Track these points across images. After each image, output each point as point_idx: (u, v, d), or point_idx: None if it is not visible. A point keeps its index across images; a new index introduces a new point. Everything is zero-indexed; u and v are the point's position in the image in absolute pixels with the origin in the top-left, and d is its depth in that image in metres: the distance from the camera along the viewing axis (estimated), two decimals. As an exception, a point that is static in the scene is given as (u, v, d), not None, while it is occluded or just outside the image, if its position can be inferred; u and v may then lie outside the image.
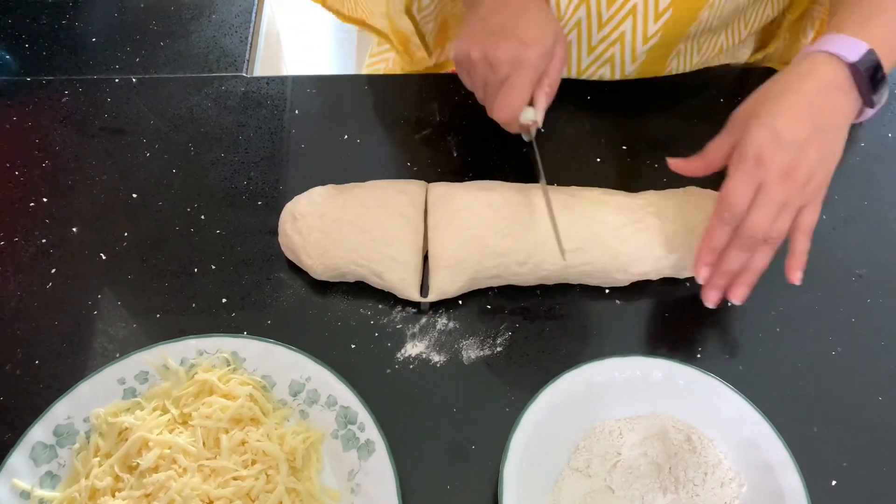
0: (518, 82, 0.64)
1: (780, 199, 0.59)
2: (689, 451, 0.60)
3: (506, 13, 0.66)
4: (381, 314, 0.69)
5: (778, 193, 0.58)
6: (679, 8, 0.74)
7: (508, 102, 0.65)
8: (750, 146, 0.59)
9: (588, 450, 0.61)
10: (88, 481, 0.57)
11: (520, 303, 0.69)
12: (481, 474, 0.60)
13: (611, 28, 0.77)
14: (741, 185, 0.59)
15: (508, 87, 0.65)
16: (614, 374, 0.62)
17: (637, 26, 0.76)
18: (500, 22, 0.65)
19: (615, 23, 0.76)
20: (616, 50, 0.79)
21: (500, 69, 0.64)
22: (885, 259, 0.72)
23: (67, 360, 0.66)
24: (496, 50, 0.64)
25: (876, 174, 0.78)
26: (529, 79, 0.65)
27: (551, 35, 0.66)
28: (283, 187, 0.77)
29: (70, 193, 0.77)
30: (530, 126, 0.68)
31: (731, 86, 0.84)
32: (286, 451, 0.58)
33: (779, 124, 0.58)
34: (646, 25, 0.76)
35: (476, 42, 0.65)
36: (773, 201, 0.59)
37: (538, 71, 0.65)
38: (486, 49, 0.64)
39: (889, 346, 0.67)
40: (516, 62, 0.64)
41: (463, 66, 0.68)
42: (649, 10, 0.75)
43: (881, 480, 0.61)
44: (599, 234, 0.68)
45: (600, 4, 0.75)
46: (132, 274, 0.71)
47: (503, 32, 0.65)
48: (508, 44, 0.64)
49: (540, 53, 0.64)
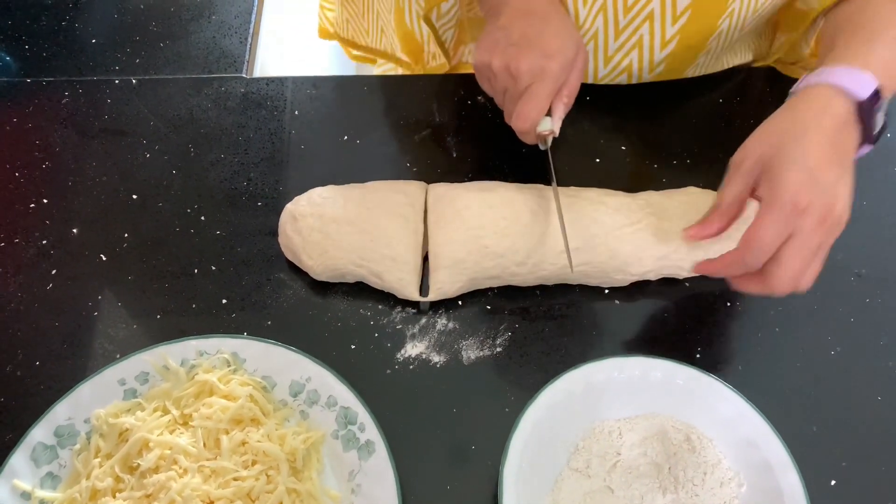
0: (539, 93, 0.64)
1: (816, 244, 0.56)
2: (689, 450, 0.60)
3: (528, 23, 0.66)
4: (381, 315, 0.69)
5: (815, 239, 0.56)
6: (698, 10, 0.72)
7: (528, 112, 0.65)
8: (786, 191, 0.55)
9: (587, 450, 0.61)
10: (89, 482, 0.57)
11: (519, 303, 0.69)
12: (481, 474, 0.61)
13: (627, 35, 0.76)
14: (774, 229, 0.56)
15: (529, 97, 0.64)
16: (613, 374, 0.62)
17: (654, 30, 0.75)
18: (523, 32, 0.66)
19: (632, 29, 0.75)
20: (634, 57, 0.78)
21: (522, 79, 0.64)
22: (885, 259, 0.72)
23: (68, 360, 0.66)
24: (518, 61, 0.64)
25: (875, 174, 0.78)
26: (550, 90, 0.65)
27: (573, 46, 0.66)
28: (283, 188, 0.77)
29: (70, 194, 0.77)
30: (547, 135, 0.68)
31: (732, 87, 0.84)
32: (286, 451, 0.59)
33: (812, 164, 0.55)
34: (663, 30, 0.75)
35: (498, 52, 0.66)
36: (809, 247, 0.56)
37: (559, 82, 0.65)
38: (509, 60, 0.65)
39: (888, 345, 0.67)
40: (538, 73, 0.64)
41: (483, 74, 0.69)
42: (667, 13, 0.73)
43: (880, 480, 0.61)
44: (598, 234, 0.68)
45: (617, 12, 0.74)
46: (132, 275, 0.71)
47: (525, 43, 0.65)
48: (531, 54, 0.64)
49: (562, 65, 0.65)
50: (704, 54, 0.79)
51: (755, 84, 0.77)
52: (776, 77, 0.86)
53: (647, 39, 0.76)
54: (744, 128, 0.70)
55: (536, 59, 0.64)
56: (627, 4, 0.73)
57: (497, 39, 0.66)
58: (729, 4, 0.70)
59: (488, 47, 0.67)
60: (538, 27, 0.66)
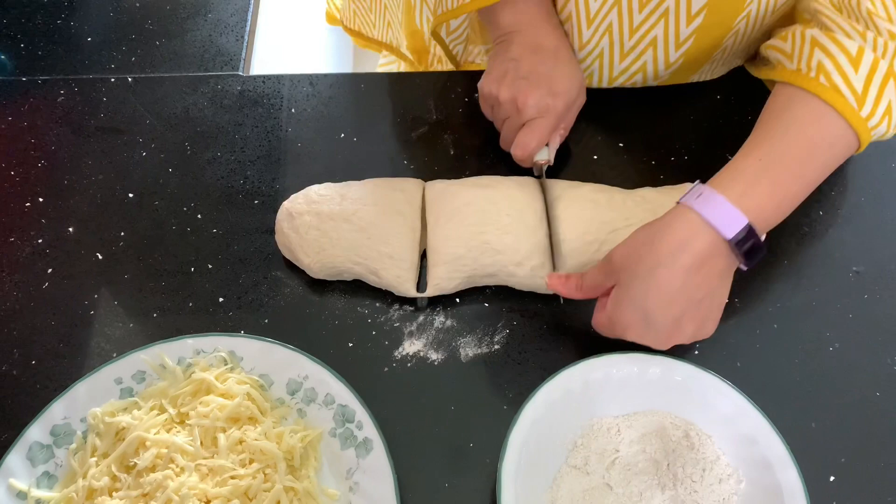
0: (541, 127, 0.69)
1: None
2: (688, 447, 0.60)
3: (539, 59, 0.70)
4: (379, 312, 0.69)
5: None
6: (714, 9, 0.71)
7: (528, 143, 0.69)
8: (618, 325, 0.60)
9: (586, 447, 0.61)
10: (86, 481, 0.57)
11: (517, 300, 0.69)
12: (479, 472, 0.60)
13: (642, 33, 0.74)
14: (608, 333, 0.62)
15: (530, 129, 0.69)
16: (611, 371, 0.62)
17: (669, 30, 0.73)
18: (532, 67, 0.69)
19: (647, 27, 0.74)
20: (648, 57, 0.77)
21: (527, 113, 0.69)
22: (882, 255, 0.72)
23: (64, 360, 0.66)
24: (526, 95, 0.68)
25: (872, 171, 0.78)
26: (552, 126, 0.70)
27: (577, 88, 0.72)
28: (279, 186, 0.77)
29: (66, 193, 0.76)
30: (542, 164, 0.72)
31: (730, 85, 0.84)
32: (284, 449, 0.58)
33: (649, 306, 0.57)
34: (678, 29, 0.73)
35: (506, 83, 0.70)
36: None
37: (561, 119, 0.70)
38: (517, 93, 0.69)
39: (886, 341, 0.67)
40: (543, 109, 0.69)
41: (488, 101, 0.73)
42: (681, 12, 0.71)
43: (880, 476, 0.61)
44: (590, 231, 0.68)
45: (632, 9, 0.72)
46: (129, 273, 0.71)
47: (535, 79, 0.69)
48: (538, 91, 0.68)
49: (566, 104, 0.70)
50: (720, 53, 0.78)
51: (754, 82, 0.77)
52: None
53: (661, 39, 0.75)
54: (742, 125, 0.70)
55: (543, 97, 0.68)
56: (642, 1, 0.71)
57: (506, 70, 0.70)
58: (746, 5, 0.70)
59: (497, 78, 0.71)
60: (549, 65, 0.70)
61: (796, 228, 0.73)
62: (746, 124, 0.64)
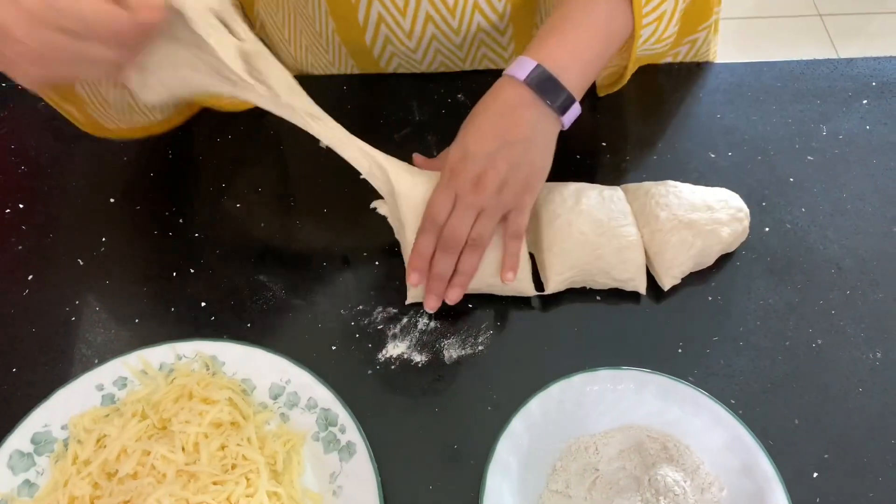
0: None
1: (474, 205, 0.63)
2: (667, 459, 0.59)
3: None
4: (362, 315, 0.68)
5: (471, 200, 0.63)
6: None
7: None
8: (447, 162, 0.66)
9: (565, 469, 0.60)
10: (67, 489, 0.57)
11: (500, 301, 0.69)
12: (464, 474, 0.60)
13: None
14: (440, 196, 0.65)
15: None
16: (585, 389, 0.62)
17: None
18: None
19: None
20: None
21: None
22: (865, 251, 0.72)
23: (45, 367, 0.66)
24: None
25: (854, 166, 0.78)
26: None
27: None
28: (261, 189, 0.76)
29: (47, 199, 0.76)
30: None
31: (710, 81, 0.84)
32: (267, 454, 0.58)
33: (468, 141, 0.65)
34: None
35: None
36: (467, 207, 0.64)
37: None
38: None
39: (869, 337, 0.67)
40: None
41: None
42: None
43: (862, 472, 0.61)
44: (585, 231, 0.68)
45: None
46: (110, 279, 0.71)
47: None
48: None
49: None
50: None
51: (731, 78, 0.77)
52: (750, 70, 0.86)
53: None
54: (726, 121, 0.70)
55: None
56: None
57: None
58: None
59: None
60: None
61: (779, 225, 0.73)
62: (730, 119, 0.64)
